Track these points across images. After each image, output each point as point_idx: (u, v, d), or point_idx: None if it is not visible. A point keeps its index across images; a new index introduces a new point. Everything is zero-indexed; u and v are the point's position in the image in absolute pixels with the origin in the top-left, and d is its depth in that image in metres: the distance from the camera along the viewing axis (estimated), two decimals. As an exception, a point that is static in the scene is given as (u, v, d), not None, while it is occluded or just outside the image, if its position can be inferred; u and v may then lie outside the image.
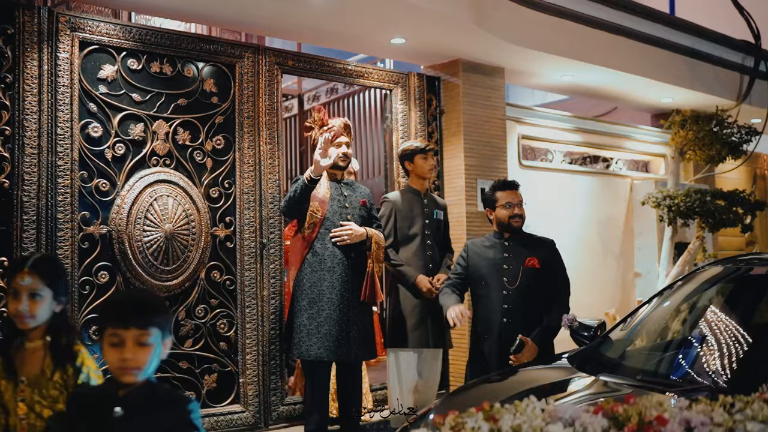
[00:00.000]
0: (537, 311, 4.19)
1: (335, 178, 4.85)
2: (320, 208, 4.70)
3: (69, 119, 4.52)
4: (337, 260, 4.66)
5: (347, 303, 4.66)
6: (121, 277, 4.66)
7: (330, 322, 4.59)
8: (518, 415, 1.71)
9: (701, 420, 1.59)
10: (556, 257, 4.34)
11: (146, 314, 2.24)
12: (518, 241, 4.29)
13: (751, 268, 3.65)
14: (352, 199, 4.86)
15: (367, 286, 4.71)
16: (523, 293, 4.16)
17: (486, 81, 6.52)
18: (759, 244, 11.22)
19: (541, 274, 4.20)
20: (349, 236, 4.66)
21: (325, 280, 4.63)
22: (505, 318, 4.16)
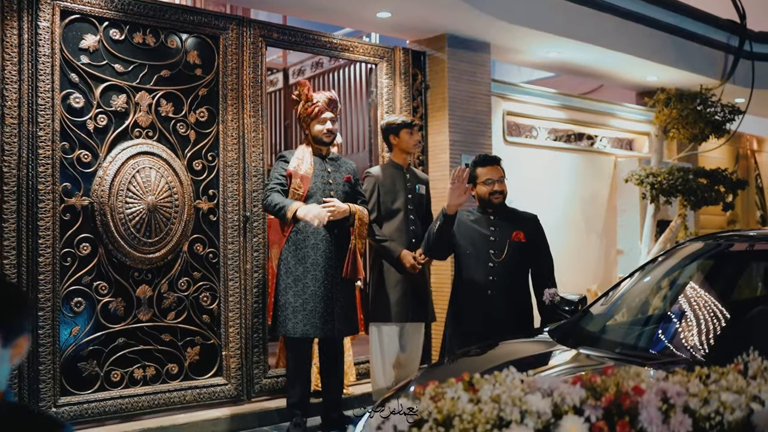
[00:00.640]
0: (521, 284, 4.23)
1: (320, 153, 4.82)
2: (302, 185, 4.68)
3: (50, 89, 4.47)
4: (320, 237, 4.66)
5: (331, 279, 4.66)
6: (103, 249, 4.64)
7: (315, 299, 4.60)
8: (497, 385, 1.72)
9: (677, 390, 1.61)
10: (540, 232, 4.35)
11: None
12: (503, 216, 4.29)
13: (732, 244, 3.68)
14: (336, 175, 4.83)
15: (348, 262, 4.71)
16: (508, 266, 4.16)
17: (472, 56, 6.50)
18: (740, 223, 11.32)
19: (526, 248, 4.21)
20: (332, 213, 4.62)
21: (309, 257, 4.63)
22: (490, 290, 4.15)
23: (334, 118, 4.81)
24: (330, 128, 4.77)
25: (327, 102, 4.77)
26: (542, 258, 4.29)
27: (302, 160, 4.74)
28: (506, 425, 1.59)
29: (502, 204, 4.28)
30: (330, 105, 4.78)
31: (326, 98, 4.78)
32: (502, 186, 4.26)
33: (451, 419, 1.61)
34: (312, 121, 4.77)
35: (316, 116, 4.74)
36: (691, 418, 1.56)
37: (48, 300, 4.42)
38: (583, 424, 1.56)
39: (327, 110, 4.76)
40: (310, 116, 4.76)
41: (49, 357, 4.42)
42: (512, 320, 4.10)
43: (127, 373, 4.72)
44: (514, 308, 4.16)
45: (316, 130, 4.77)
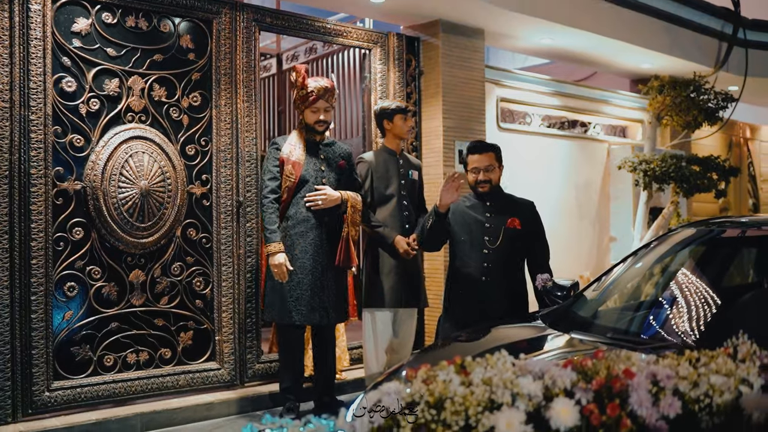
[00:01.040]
0: (516, 271, 4.23)
1: (313, 140, 4.80)
2: (294, 171, 4.65)
3: (42, 73, 4.45)
4: (310, 225, 4.65)
5: (320, 267, 4.66)
6: (96, 233, 4.63)
7: (302, 287, 4.61)
8: (489, 368, 1.73)
9: (667, 373, 1.62)
10: (536, 219, 4.34)
11: None
12: (499, 202, 4.28)
13: (723, 230, 3.69)
14: (330, 161, 4.81)
15: (341, 250, 4.70)
16: (503, 253, 4.16)
17: (466, 42, 6.49)
18: (732, 211, 11.35)
19: (521, 235, 4.20)
20: (324, 201, 4.63)
21: (297, 245, 4.64)
22: (485, 276, 4.16)
23: (329, 107, 4.75)
24: (322, 118, 4.73)
25: (321, 90, 4.70)
26: (538, 245, 4.29)
27: (294, 147, 4.71)
28: (497, 408, 1.60)
29: (489, 192, 4.26)
30: (324, 94, 4.71)
31: (320, 87, 4.71)
32: (488, 175, 4.23)
33: (443, 402, 1.62)
34: (305, 108, 4.74)
35: (309, 104, 4.71)
36: (681, 400, 1.58)
37: (41, 284, 4.41)
38: (574, 406, 1.57)
39: (321, 99, 4.70)
40: (304, 103, 4.73)
41: (42, 341, 4.42)
42: (507, 307, 4.10)
43: (120, 357, 4.72)
44: (508, 295, 4.15)
45: (308, 118, 4.75)
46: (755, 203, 12.17)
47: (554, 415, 1.56)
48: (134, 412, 4.62)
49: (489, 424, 1.56)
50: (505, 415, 1.57)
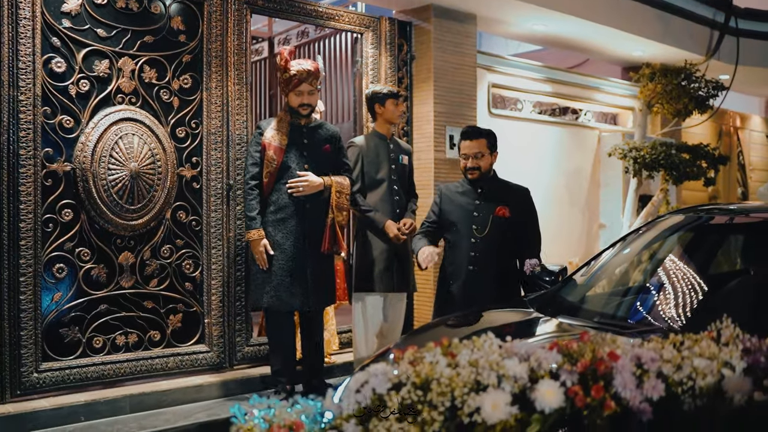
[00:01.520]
0: (506, 260, 4.20)
1: (297, 123, 4.75)
2: (276, 157, 4.61)
3: (31, 53, 4.42)
4: (292, 211, 4.62)
5: (302, 253, 4.63)
6: (86, 215, 4.62)
7: (282, 273, 4.59)
8: (475, 350, 1.74)
9: (651, 356, 1.64)
10: (528, 207, 4.30)
11: None
12: (490, 189, 4.25)
13: (712, 217, 3.71)
14: (314, 145, 4.75)
15: (327, 237, 4.67)
16: (491, 242, 4.14)
17: (458, 27, 6.48)
18: (721, 199, 11.41)
19: (511, 223, 4.17)
20: (305, 187, 4.59)
21: (279, 231, 4.63)
22: (472, 266, 4.16)
23: (313, 90, 4.69)
24: (306, 101, 4.67)
25: (304, 73, 4.63)
26: (528, 234, 4.25)
27: (277, 131, 4.67)
28: (483, 389, 1.61)
29: (479, 179, 4.23)
30: (308, 77, 4.64)
31: (304, 69, 4.63)
32: (477, 162, 4.21)
33: (429, 383, 1.64)
34: (289, 91, 4.69)
35: (293, 87, 4.65)
36: (664, 383, 1.59)
37: (29, 266, 4.40)
38: (559, 388, 1.58)
39: (304, 82, 4.63)
40: (288, 86, 4.68)
41: (31, 323, 4.41)
42: (496, 298, 4.07)
43: (109, 339, 4.72)
44: (498, 285, 4.13)
45: (292, 101, 4.70)
46: (744, 192, 12.23)
47: (539, 397, 1.57)
48: (123, 393, 4.63)
49: (475, 405, 1.58)
50: (491, 396, 1.58)
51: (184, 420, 4.53)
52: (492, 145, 4.31)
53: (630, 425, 1.58)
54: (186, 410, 4.70)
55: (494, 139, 4.34)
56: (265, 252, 4.57)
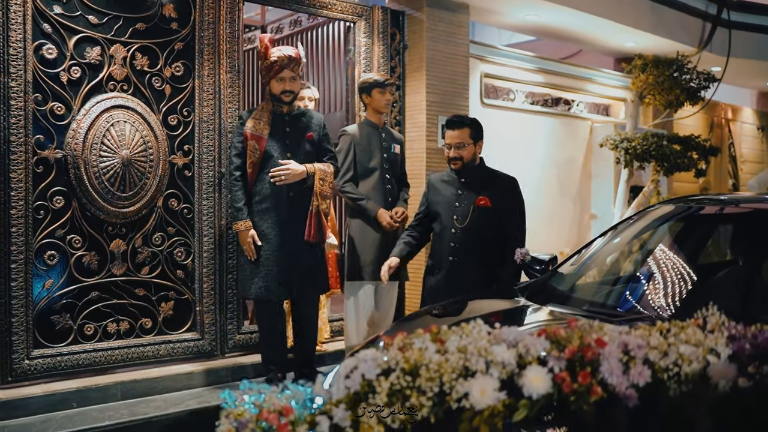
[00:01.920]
0: (488, 251, 4.12)
1: (280, 112, 4.71)
2: (258, 147, 4.58)
3: (22, 39, 4.40)
4: (276, 200, 4.59)
5: (288, 242, 4.60)
6: (77, 202, 4.61)
7: (270, 263, 4.58)
8: (464, 336, 1.76)
9: (638, 343, 1.65)
10: (513, 197, 4.22)
11: None
12: (474, 178, 4.20)
13: (702, 207, 3.74)
14: (297, 133, 4.71)
15: (311, 225, 4.62)
16: (471, 233, 4.09)
17: (450, 17, 6.48)
18: (712, 191, 11.46)
19: (494, 214, 4.11)
20: (287, 175, 4.54)
21: (264, 221, 4.61)
22: (452, 257, 4.11)
23: (295, 77, 4.63)
24: (288, 88, 4.62)
25: (285, 59, 4.57)
26: (511, 225, 4.16)
27: (259, 120, 4.63)
28: (472, 375, 1.63)
29: (462, 169, 4.18)
30: (289, 63, 4.59)
31: (285, 55, 4.58)
32: (459, 152, 4.15)
33: (418, 369, 1.65)
34: (271, 79, 4.64)
35: (274, 74, 4.60)
36: (651, 369, 1.61)
37: (21, 252, 4.40)
38: (547, 374, 1.60)
39: (285, 68, 4.58)
40: (269, 74, 4.63)
41: (22, 309, 4.41)
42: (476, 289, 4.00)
43: (100, 326, 4.73)
44: (480, 277, 4.07)
45: (274, 88, 4.64)
46: (735, 184, 12.28)
47: (527, 383, 1.59)
48: (114, 380, 4.64)
49: (463, 391, 1.60)
50: (479, 382, 1.60)
51: (175, 407, 4.54)
52: (476, 134, 4.23)
53: (616, 411, 1.60)
54: (177, 397, 4.71)
55: (478, 128, 4.27)
56: (252, 243, 4.57)
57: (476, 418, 1.58)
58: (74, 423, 4.20)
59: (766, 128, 13.46)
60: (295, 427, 1.67)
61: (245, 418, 1.72)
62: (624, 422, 1.61)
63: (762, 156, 13.39)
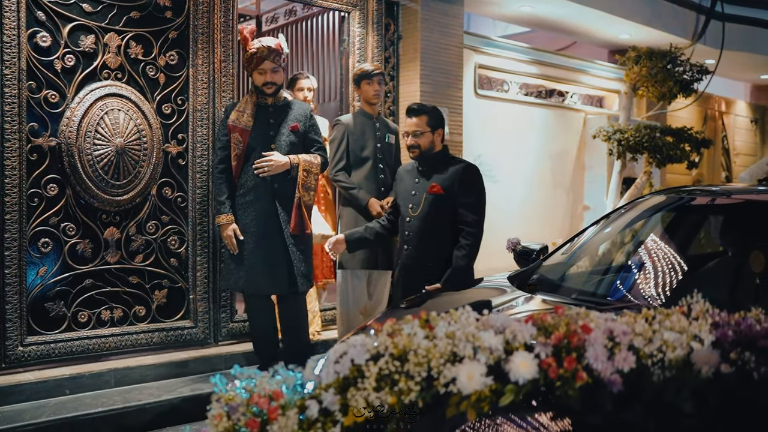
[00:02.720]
0: (441, 242, 4.02)
1: (264, 103, 4.65)
2: (242, 139, 4.54)
3: (16, 27, 4.40)
4: (260, 192, 4.54)
5: (272, 235, 4.55)
6: (71, 190, 4.62)
7: (254, 256, 4.53)
8: (453, 323, 1.78)
9: (623, 330, 1.68)
10: (467, 183, 4.04)
11: None
12: (431, 167, 4.10)
13: (693, 198, 3.76)
14: (281, 125, 4.64)
15: (294, 216, 4.56)
16: (423, 222, 4.02)
17: (445, 8, 6.49)
18: (705, 183, 11.50)
19: (446, 202, 4.00)
20: (270, 167, 4.48)
21: (249, 213, 4.56)
22: (407, 246, 4.08)
23: (276, 68, 4.56)
24: (269, 80, 4.56)
25: (265, 50, 4.51)
26: (462, 212, 4.00)
27: (242, 113, 4.58)
28: (459, 360, 1.66)
29: (420, 157, 4.11)
30: (270, 54, 4.52)
31: (264, 46, 4.51)
32: (416, 140, 4.07)
33: (407, 354, 1.68)
34: (253, 70, 4.59)
35: (255, 65, 4.54)
36: (635, 355, 1.64)
37: (14, 240, 4.41)
38: (533, 360, 1.63)
39: (267, 59, 4.52)
40: (250, 65, 4.57)
41: (16, 296, 4.43)
42: (428, 278, 3.95)
43: (94, 314, 4.75)
44: (434, 267, 3.98)
45: (256, 80, 4.60)
46: (728, 176, 12.33)
47: (514, 368, 1.61)
48: (108, 368, 4.66)
49: (450, 376, 1.62)
50: (467, 367, 1.62)
51: (168, 394, 4.56)
52: (434, 122, 4.12)
53: (601, 396, 1.62)
54: (170, 385, 4.73)
55: (437, 116, 4.16)
56: (234, 237, 4.53)
57: (463, 403, 1.60)
58: (67, 409, 4.22)
59: (760, 121, 13.50)
60: (285, 411, 1.69)
61: (236, 402, 1.75)
62: (609, 407, 1.63)
63: (755, 148, 13.44)
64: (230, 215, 4.54)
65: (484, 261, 7.11)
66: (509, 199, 7.55)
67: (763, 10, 9.57)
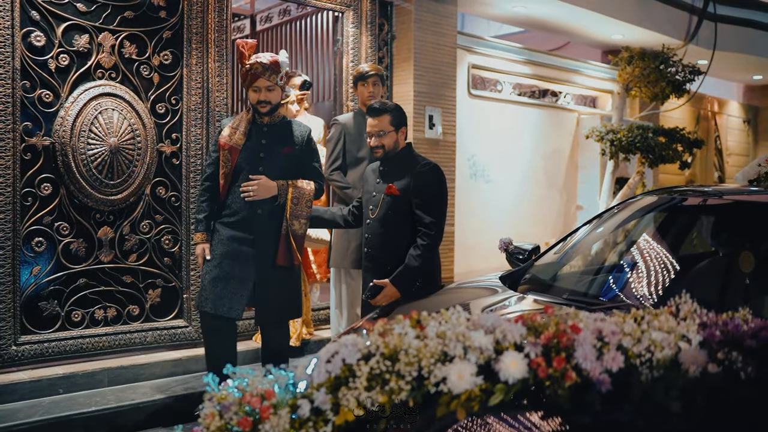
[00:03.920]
0: (400, 245, 3.87)
1: (259, 121, 4.28)
2: (231, 158, 4.19)
3: (10, 26, 4.40)
4: (243, 216, 4.17)
5: (254, 262, 4.17)
6: (65, 189, 4.63)
7: (228, 280, 4.13)
8: (443, 322, 1.80)
9: (612, 329, 1.70)
10: (425, 184, 3.88)
11: None
12: (393, 167, 3.97)
13: (685, 198, 3.78)
14: (273, 146, 4.26)
15: (282, 249, 4.18)
16: (381, 223, 3.90)
17: (438, 8, 6.51)
18: (698, 183, 11.55)
19: (403, 203, 3.86)
20: (255, 191, 4.13)
21: (231, 237, 4.18)
22: (366, 248, 3.98)
23: (272, 87, 4.16)
24: (263, 98, 4.17)
25: (260, 66, 4.13)
26: (423, 213, 3.83)
27: (236, 130, 4.23)
28: (450, 360, 1.67)
29: (383, 158, 3.96)
30: (264, 71, 4.13)
31: (258, 62, 4.13)
32: (380, 140, 3.91)
33: (398, 353, 1.69)
34: (247, 88, 4.24)
35: (249, 83, 4.18)
36: (624, 355, 1.66)
37: (8, 239, 4.42)
38: (523, 359, 1.64)
39: (261, 77, 4.13)
40: (245, 82, 4.22)
41: (9, 296, 4.43)
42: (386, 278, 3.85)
43: (88, 313, 4.75)
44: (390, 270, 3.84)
45: (251, 98, 4.24)
46: (720, 176, 12.38)
47: (504, 368, 1.63)
48: (101, 367, 4.67)
49: (441, 376, 1.64)
50: (457, 367, 1.64)
51: (162, 393, 4.57)
52: (397, 121, 3.97)
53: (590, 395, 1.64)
54: (163, 384, 4.75)
55: (400, 114, 4.02)
56: (203, 257, 4.20)
57: (454, 402, 1.61)
58: (61, 408, 4.23)
59: (752, 121, 13.55)
60: (277, 410, 1.71)
61: (228, 401, 1.76)
62: (598, 406, 1.65)
63: (747, 149, 13.50)
64: (204, 234, 4.21)
65: (477, 261, 7.15)
66: (502, 198, 7.58)
67: (755, 11, 9.62)
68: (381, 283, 3.83)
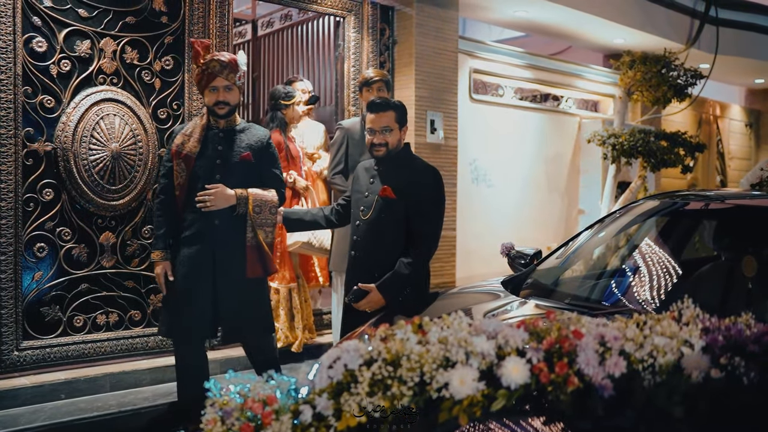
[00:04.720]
0: (392, 251, 3.65)
1: (215, 127, 4.00)
2: (185, 167, 3.91)
3: (11, 32, 4.41)
4: (199, 228, 3.92)
5: (209, 278, 3.92)
6: (67, 195, 4.63)
7: (187, 299, 3.93)
8: (445, 328, 1.80)
9: (614, 335, 1.69)
10: (423, 189, 3.70)
11: None
12: (390, 167, 3.74)
13: (687, 203, 3.77)
14: (231, 153, 3.97)
15: (251, 260, 3.94)
16: (372, 227, 3.68)
17: (440, 12, 6.51)
18: (700, 187, 11.53)
19: (398, 207, 3.64)
20: (211, 201, 3.85)
21: (188, 252, 3.93)
22: (354, 251, 3.78)
23: (230, 86, 3.93)
24: (222, 98, 3.92)
25: (217, 65, 3.88)
26: (418, 218, 3.65)
27: (189, 137, 3.96)
28: (452, 365, 1.67)
29: (384, 157, 3.73)
30: (222, 69, 3.89)
31: (216, 60, 3.89)
32: (384, 137, 3.68)
33: (400, 359, 1.69)
34: (204, 88, 3.97)
35: (206, 83, 3.92)
36: (626, 360, 1.65)
37: (10, 245, 4.42)
38: (525, 365, 1.64)
39: (219, 75, 3.89)
40: (200, 82, 3.96)
41: (12, 301, 4.43)
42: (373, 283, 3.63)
43: (90, 318, 4.75)
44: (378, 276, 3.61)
45: (207, 99, 3.97)
46: (722, 180, 12.37)
47: (506, 373, 1.62)
48: (103, 372, 4.66)
49: (443, 381, 1.63)
50: (459, 372, 1.63)
51: (163, 399, 4.57)
52: (401, 119, 3.78)
53: (592, 400, 1.64)
54: (165, 389, 4.74)
55: (403, 112, 3.82)
56: (164, 277, 3.94)
57: (455, 408, 1.61)
58: (63, 414, 4.23)
59: (754, 125, 13.55)
60: (279, 415, 1.70)
61: (230, 407, 1.76)
62: (600, 411, 1.64)
63: (749, 152, 13.49)
64: (163, 252, 3.94)
65: (478, 265, 7.14)
66: (504, 203, 7.58)
67: (757, 15, 9.63)
68: (366, 287, 3.59)
